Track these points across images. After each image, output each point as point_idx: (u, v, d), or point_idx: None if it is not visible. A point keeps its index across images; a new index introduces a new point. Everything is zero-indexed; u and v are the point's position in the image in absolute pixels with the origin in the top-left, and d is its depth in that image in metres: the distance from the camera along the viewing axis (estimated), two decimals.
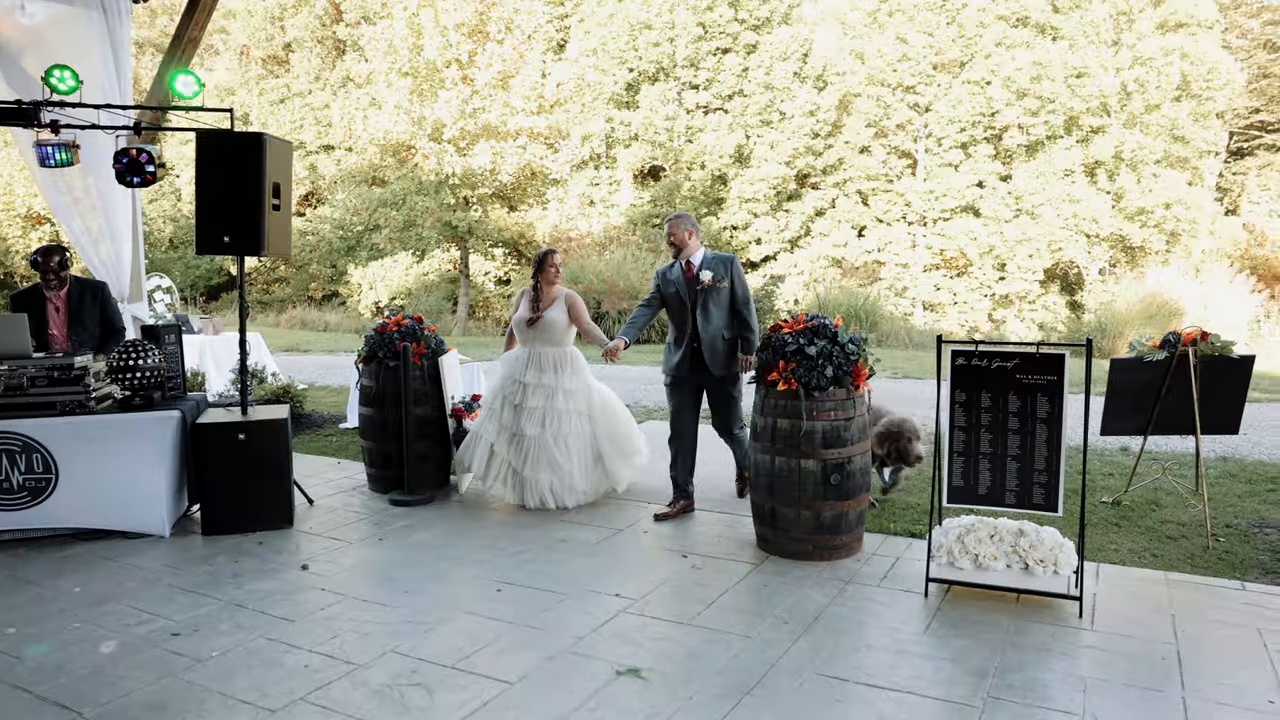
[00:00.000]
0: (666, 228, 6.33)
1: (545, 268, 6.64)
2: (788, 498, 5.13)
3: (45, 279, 6.60)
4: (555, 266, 6.66)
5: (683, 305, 6.19)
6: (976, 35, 25.44)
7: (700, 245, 6.30)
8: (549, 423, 6.44)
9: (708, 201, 27.92)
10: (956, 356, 4.48)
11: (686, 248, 6.21)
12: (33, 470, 5.67)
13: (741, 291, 6.16)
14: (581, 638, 4.21)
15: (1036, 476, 4.40)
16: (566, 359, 6.62)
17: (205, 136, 5.97)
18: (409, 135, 24.39)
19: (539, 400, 6.46)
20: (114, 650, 4.16)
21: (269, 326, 26.69)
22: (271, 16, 34.37)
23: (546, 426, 6.43)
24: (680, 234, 6.21)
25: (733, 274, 6.13)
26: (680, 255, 6.24)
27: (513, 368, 6.63)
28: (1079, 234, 24.66)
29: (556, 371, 6.53)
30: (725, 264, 6.14)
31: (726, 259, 6.18)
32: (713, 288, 6.06)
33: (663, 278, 6.35)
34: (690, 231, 6.23)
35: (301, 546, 5.70)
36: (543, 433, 6.42)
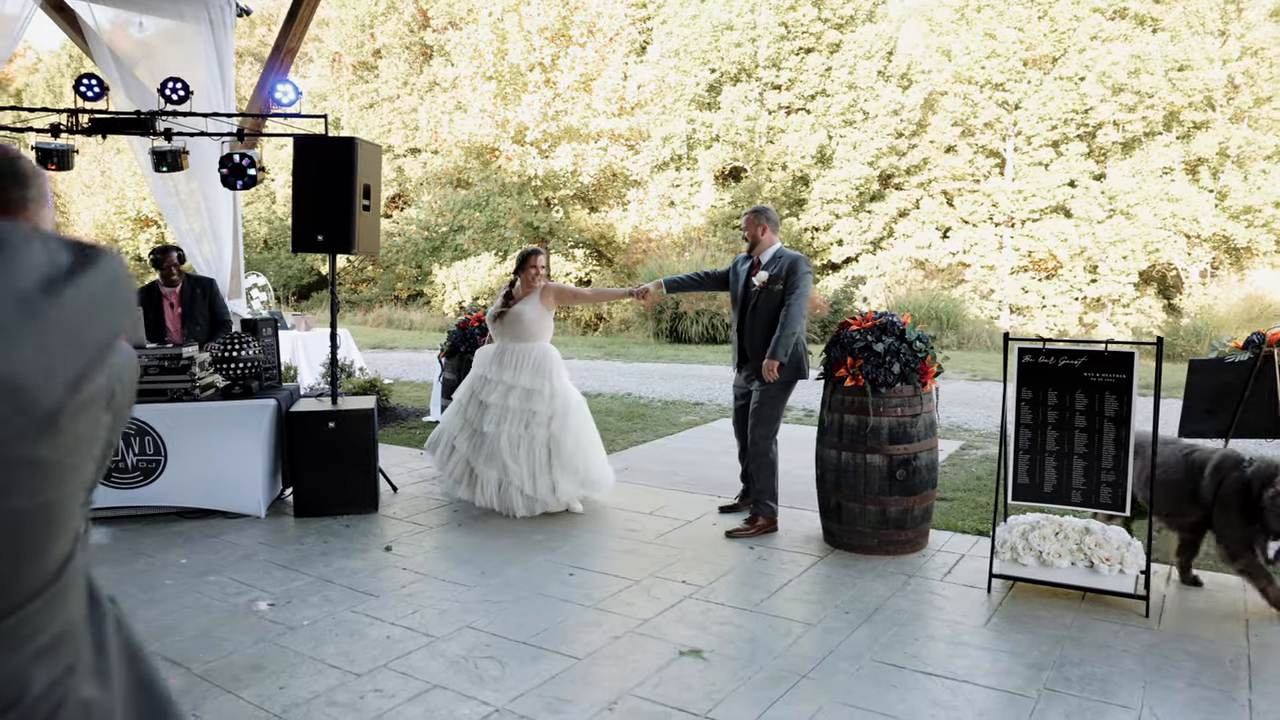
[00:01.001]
0: (743, 221, 6.17)
1: (525, 268, 6.47)
2: (853, 492, 5.23)
3: (165, 276, 7.04)
4: (536, 268, 6.45)
5: (736, 300, 6.07)
6: (1070, 29, 24.82)
7: (776, 241, 6.01)
8: (503, 421, 6.22)
9: (789, 202, 27.83)
10: (1024, 354, 4.53)
11: (759, 243, 5.99)
12: (145, 452, 6.09)
13: (791, 293, 5.74)
14: (647, 620, 4.39)
15: (1104, 475, 4.41)
16: (532, 356, 6.37)
17: (302, 141, 6.32)
18: (492, 138, 24.92)
19: (498, 397, 6.24)
20: (216, 617, 4.48)
21: (356, 324, 27.53)
22: (362, 24, 35.37)
23: (500, 424, 6.21)
24: (753, 229, 6.00)
25: (788, 275, 5.77)
26: (754, 250, 6.05)
27: (481, 362, 6.52)
28: (1178, 234, 23.84)
29: (517, 369, 6.29)
30: (786, 266, 5.81)
31: (791, 260, 5.83)
32: (766, 289, 5.83)
33: (734, 266, 6.20)
34: (764, 227, 5.98)
35: (385, 529, 6.00)
36: (496, 430, 6.20)
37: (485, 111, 24.60)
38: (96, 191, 32.27)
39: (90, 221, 32.37)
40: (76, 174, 32.88)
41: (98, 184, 32.06)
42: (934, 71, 26.44)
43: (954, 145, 26.68)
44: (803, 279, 5.77)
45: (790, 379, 5.85)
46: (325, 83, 35.81)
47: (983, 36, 25.54)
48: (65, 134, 6.53)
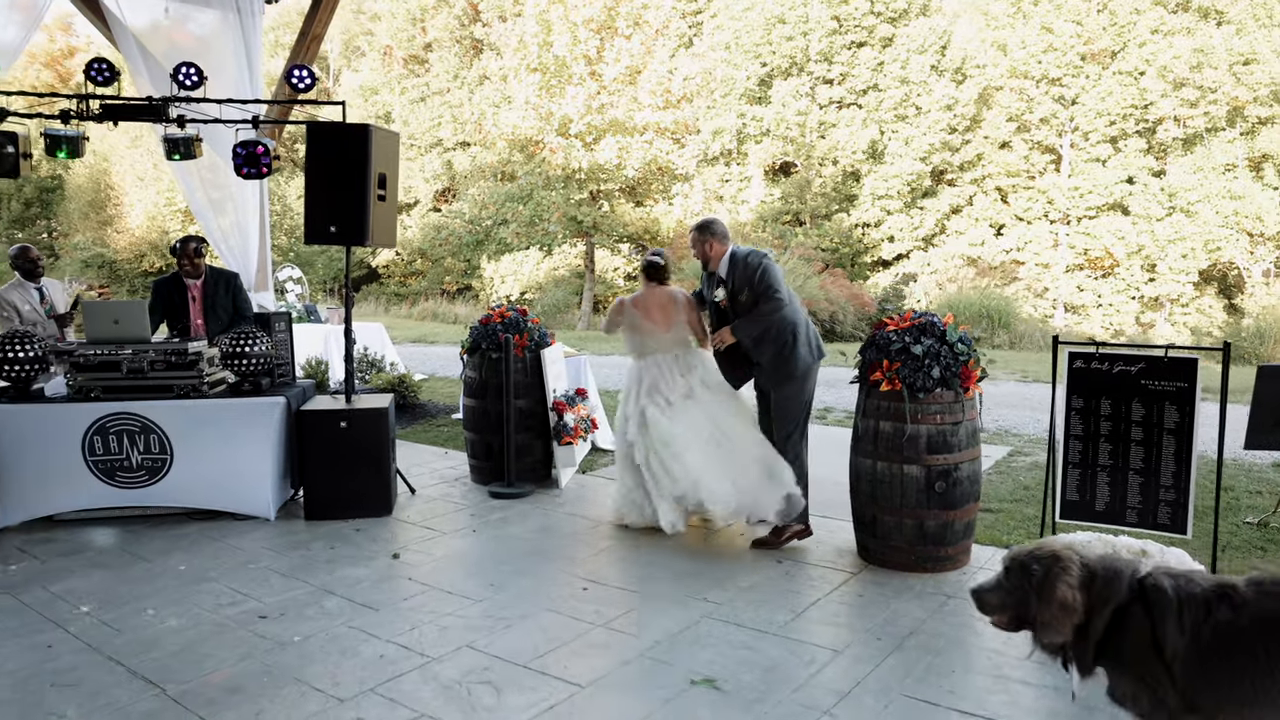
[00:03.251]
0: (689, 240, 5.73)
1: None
2: (889, 505, 4.83)
3: (183, 266, 6.85)
4: None
5: (713, 320, 5.71)
6: (1130, 23, 24.03)
7: (728, 248, 5.51)
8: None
9: (839, 198, 27.31)
10: (1074, 359, 4.11)
11: (711, 259, 5.55)
12: (150, 450, 5.88)
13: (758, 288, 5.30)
14: (659, 642, 4.05)
15: (1163, 494, 3.99)
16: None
17: (314, 128, 6.08)
18: (537, 130, 24.69)
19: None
20: (204, 629, 4.23)
21: (401, 318, 27.55)
22: (413, 18, 35.45)
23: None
24: (700, 248, 5.58)
25: (746, 277, 5.33)
26: (709, 268, 5.63)
27: None
28: (1240, 233, 22.94)
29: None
30: (740, 272, 5.37)
31: (741, 263, 5.37)
32: (734, 303, 5.42)
33: (703, 286, 5.85)
34: (710, 242, 5.51)
35: (397, 535, 5.73)
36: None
37: (529, 104, 24.37)
38: (149, 183, 32.69)
39: (142, 213, 32.80)
40: (130, 166, 33.48)
41: (150, 176, 32.47)
42: (989, 66, 25.79)
43: (1009, 141, 26.00)
44: (762, 272, 5.30)
45: (801, 374, 5.41)
46: (376, 76, 35.95)
47: (1040, 30, 24.85)
48: (76, 120, 6.33)
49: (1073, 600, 2.61)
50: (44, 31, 40.44)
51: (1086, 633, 2.63)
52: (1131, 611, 2.58)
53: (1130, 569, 2.64)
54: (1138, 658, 2.56)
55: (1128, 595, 2.60)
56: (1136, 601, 2.59)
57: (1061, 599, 2.61)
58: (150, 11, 8.05)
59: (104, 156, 34.64)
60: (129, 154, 33.70)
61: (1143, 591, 2.59)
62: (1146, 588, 2.59)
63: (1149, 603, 2.57)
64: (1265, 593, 2.50)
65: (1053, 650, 2.73)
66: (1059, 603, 2.61)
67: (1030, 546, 2.79)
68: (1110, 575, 2.63)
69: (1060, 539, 2.91)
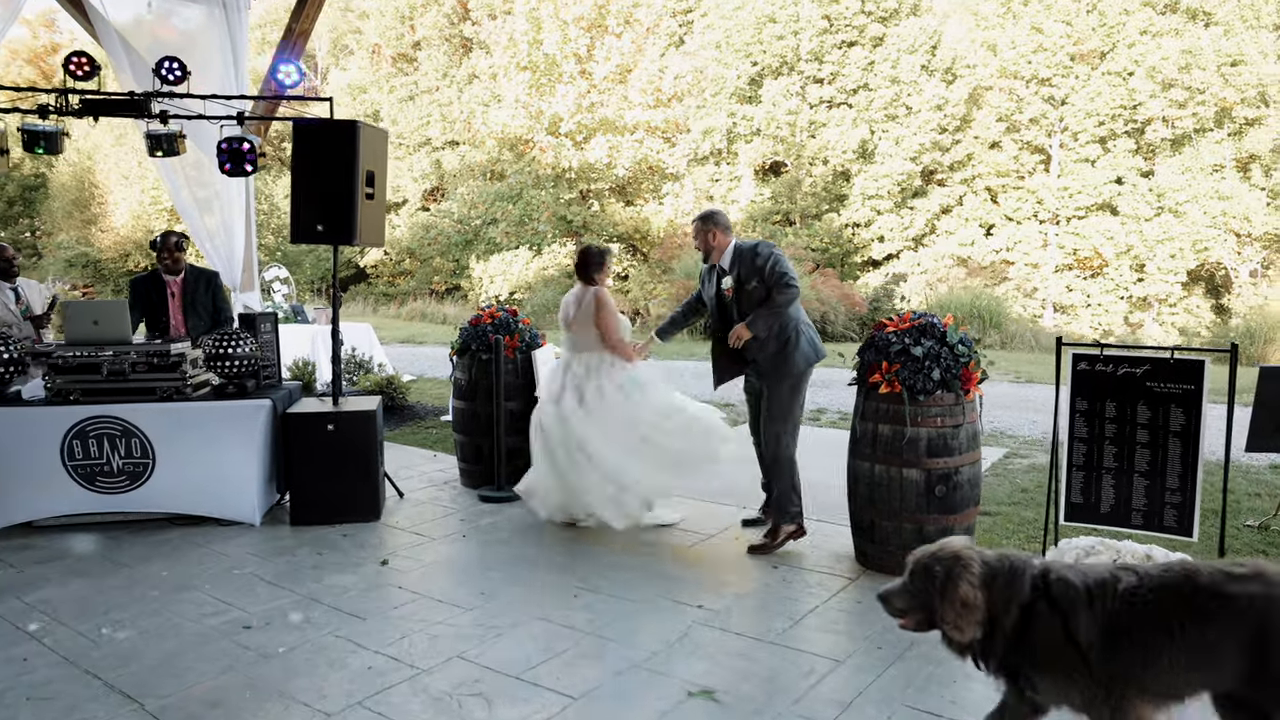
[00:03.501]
0: (691, 230, 5.65)
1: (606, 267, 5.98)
2: (888, 509, 4.74)
3: (163, 261, 6.71)
4: None
5: (714, 312, 5.60)
6: (1119, 23, 24.03)
7: (731, 240, 5.48)
8: None
9: (829, 198, 27.23)
10: (1078, 361, 4.02)
11: (714, 250, 5.49)
12: (132, 455, 5.75)
13: (770, 277, 5.21)
14: (655, 652, 3.95)
15: (1169, 496, 3.90)
16: None
17: (301, 125, 5.96)
18: (526, 129, 24.59)
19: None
20: (186, 640, 4.11)
21: (390, 318, 27.35)
22: (402, 16, 35.22)
23: None
24: (703, 238, 5.50)
25: (760, 268, 5.23)
26: (710, 259, 5.56)
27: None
28: (1228, 233, 22.97)
29: None
30: (749, 260, 5.29)
31: (750, 252, 5.30)
32: (739, 292, 5.33)
33: (702, 282, 5.75)
34: (713, 232, 5.45)
35: (385, 540, 5.62)
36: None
37: (519, 102, 24.27)
38: (134, 182, 32.40)
39: (127, 212, 32.51)
40: (114, 164, 33.17)
41: (135, 174, 32.18)
42: (979, 66, 25.76)
43: (998, 141, 25.97)
44: (775, 261, 5.22)
45: (800, 372, 5.34)
46: (365, 75, 35.72)
47: (1029, 31, 24.83)
48: (55, 115, 6.19)
49: (974, 598, 2.66)
50: (27, 28, 40.12)
51: (995, 632, 2.68)
52: (1038, 609, 2.63)
53: (1030, 566, 2.71)
54: (1053, 654, 2.61)
55: (1031, 593, 2.65)
56: (1041, 598, 2.64)
57: (963, 597, 2.65)
58: (133, 6, 7.90)
59: (88, 154, 34.33)
60: (114, 152, 33.40)
61: (1047, 587, 2.65)
62: (1050, 583, 2.66)
63: (1053, 597, 2.63)
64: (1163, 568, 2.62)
65: (960, 650, 2.76)
66: (961, 601, 2.66)
67: (933, 548, 2.83)
68: (1011, 573, 2.69)
69: (960, 539, 2.90)
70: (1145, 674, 2.56)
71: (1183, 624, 2.51)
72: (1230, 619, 2.47)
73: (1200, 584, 2.54)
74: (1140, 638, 2.55)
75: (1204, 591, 2.52)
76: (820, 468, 7.13)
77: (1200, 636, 2.49)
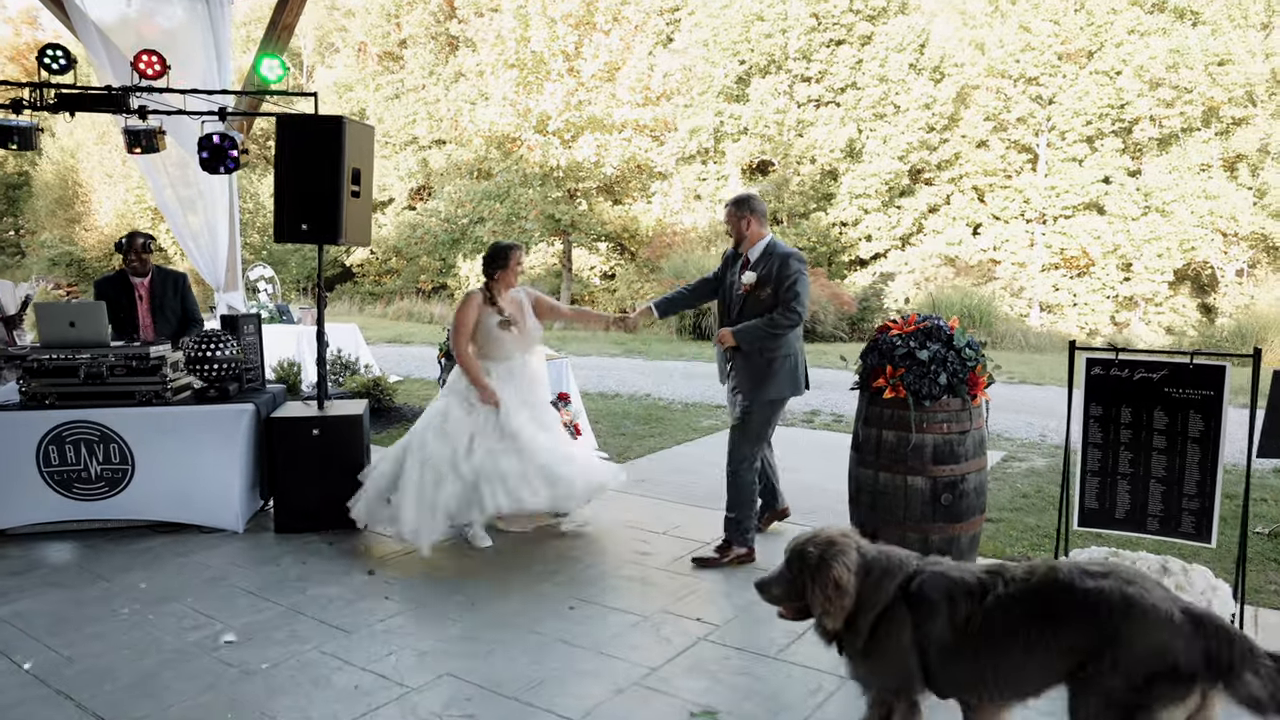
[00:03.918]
0: (724, 214, 5.39)
1: (510, 266, 5.57)
2: (892, 517, 4.59)
3: (130, 263, 6.52)
4: (521, 265, 5.68)
5: (725, 305, 5.38)
6: (1107, 23, 24.03)
7: (766, 234, 5.24)
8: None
9: (817, 197, 27.15)
10: (1092, 365, 3.90)
11: (745, 239, 5.22)
12: (110, 461, 5.58)
13: (784, 294, 5.00)
14: (655, 669, 3.80)
15: (1186, 502, 3.78)
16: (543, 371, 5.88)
17: (285, 121, 5.78)
18: (514, 127, 24.40)
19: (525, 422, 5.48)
20: (164, 657, 3.95)
21: (376, 317, 27.13)
22: (387, 14, 34.99)
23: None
24: (736, 223, 5.23)
25: (778, 276, 5.02)
26: (740, 247, 5.29)
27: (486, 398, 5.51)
28: (1214, 232, 23.00)
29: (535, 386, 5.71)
30: (776, 265, 5.06)
31: (781, 258, 5.06)
32: (753, 293, 5.12)
33: (724, 267, 5.45)
34: (748, 219, 5.18)
35: (371, 549, 5.46)
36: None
37: (507, 100, 24.07)
38: (118, 181, 32.10)
39: (111, 211, 32.23)
40: (98, 162, 32.87)
41: (119, 173, 31.88)
42: (967, 65, 25.73)
43: (986, 140, 25.96)
44: (795, 280, 5.00)
45: (781, 396, 5.17)
46: (351, 73, 35.49)
47: (1017, 30, 24.83)
48: (29, 110, 5.99)
49: (846, 581, 2.70)
50: (9, 25, 39.77)
51: (854, 627, 2.73)
52: (896, 611, 2.69)
53: (905, 567, 2.75)
54: (893, 656, 2.68)
55: (895, 593, 2.71)
56: (902, 602, 2.69)
57: (836, 578, 2.69)
58: (115, 5, 7.71)
59: (71, 153, 34.05)
60: (97, 150, 33.13)
61: (909, 590, 2.70)
62: (913, 587, 2.70)
63: (913, 601, 2.68)
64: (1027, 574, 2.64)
65: (829, 637, 2.80)
66: (833, 583, 2.69)
67: (809, 534, 2.84)
68: (884, 572, 2.74)
69: (838, 527, 2.92)
70: (996, 676, 2.60)
71: (1038, 624, 2.54)
72: (1080, 616, 2.49)
73: (1059, 583, 2.57)
74: (995, 641, 2.58)
75: (1061, 591, 2.55)
76: (814, 470, 7.06)
77: (1053, 635, 2.52)
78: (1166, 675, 2.36)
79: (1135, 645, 2.40)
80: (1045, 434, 9.03)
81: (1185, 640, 2.38)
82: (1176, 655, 2.37)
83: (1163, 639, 2.38)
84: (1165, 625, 2.40)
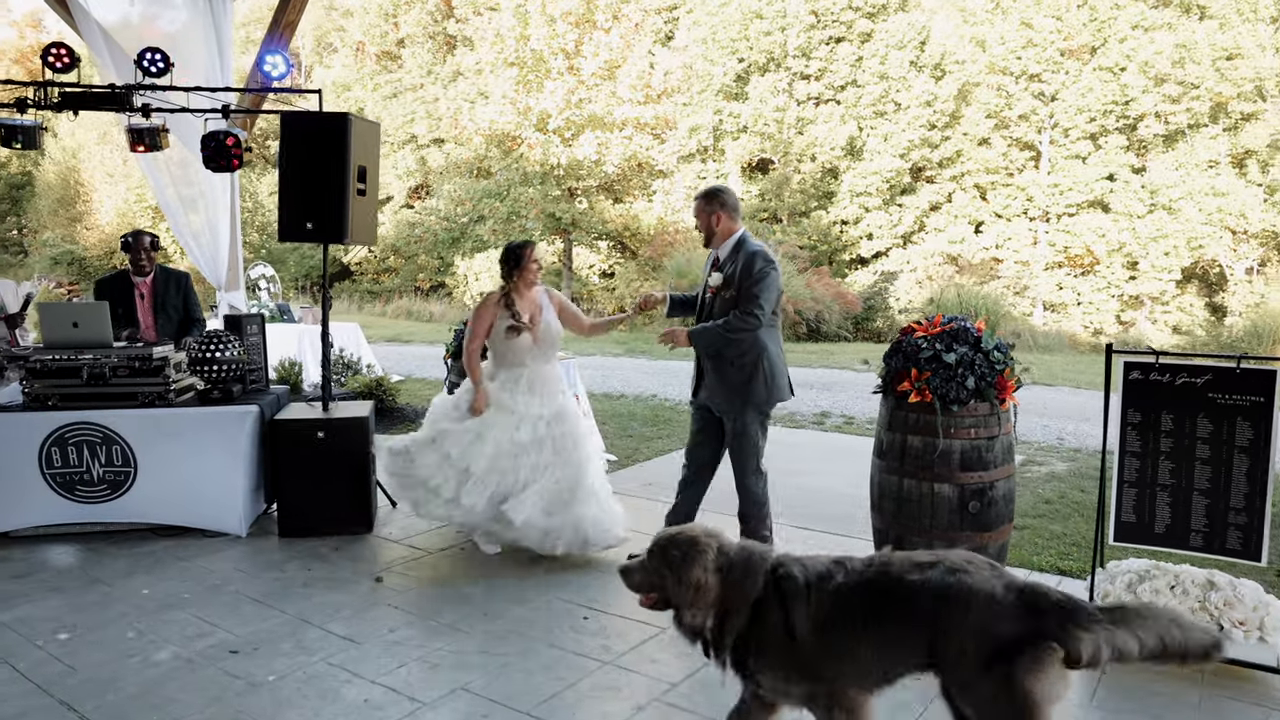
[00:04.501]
0: (693, 208, 5.04)
1: (525, 265, 5.22)
2: (917, 526, 4.47)
3: (136, 262, 6.41)
4: (537, 263, 5.32)
5: (700, 308, 5.05)
6: (1110, 18, 23.88)
7: (738, 229, 4.89)
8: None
9: (817, 195, 27.02)
10: (1130, 369, 3.76)
11: (715, 234, 4.89)
12: (113, 463, 5.46)
13: (744, 295, 4.70)
14: (676, 684, 3.68)
15: (1233, 516, 3.62)
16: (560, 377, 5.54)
17: (289, 118, 5.66)
18: (514, 126, 24.28)
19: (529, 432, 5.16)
20: (168, 667, 3.82)
21: (375, 316, 27.02)
22: (385, 13, 34.87)
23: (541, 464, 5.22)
24: (704, 218, 4.90)
25: (742, 274, 4.72)
26: (710, 244, 4.97)
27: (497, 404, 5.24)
28: (1223, 230, 22.81)
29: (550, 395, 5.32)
30: (745, 266, 4.73)
31: (747, 256, 4.74)
32: (719, 295, 4.84)
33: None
34: (718, 215, 4.84)
35: (378, 555, 5.33)
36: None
37: (507, 98, 23.94)
38: (119, 180, 32.01)
39: (112, 210, 32.15)
40: (99, 162, 32.80)
41: (120, 173, 31.80)
42: (968, 62, 25.58)
43: (987, 138, 25.81)
44: (759, 280, 4.67)
45: (760, 405, 4.87)
46: (349, 73, 35.39)
47: (1019, 26, 24.69)
48: (34, 109, 5.87)
49: (705, 582, 2.75)
50: (14, 28, 39.69)
51: (726, 624, 2.76)
52: (767, 605, 2.72)
53: (767, 560, 2.80)
54: (774, 649, 2.71)
55: (764, 587, 2.74)
56: (772, 594, 2.73)
57: (695, 580, 2.74)
58: (119, 7, 7.60)
59: (73, 153, 34.02)
60: (98, 150, 33.10)
61: (777, 583, 2.74)
62: (779, 578, 2.74)
63: (781, 592, 2.72)
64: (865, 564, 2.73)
65: (691, 634, 2.84)
66: (693, 584, 2.74)
67: (674, 530, 2.92)
68: (747, 567, 2.78)
69: (701, 525, 2.96)
70: (849, 664, 2.67)
71: (875, 614, 2.62)
72: (904, 608, 2.58)
73: (891, 575, 2.65)
74: (843, 631, 2.65)
75: (893, 582, 2.63)
76: (830, 474, 6.94)
77: (889, 625, 2.60)
78: (1007, 651, 2.41)
79: (963, 631, 2.47)
80: (1063, 437, 8.90)
81: (1013, 615, 2.44)
82: (1007, 630, 2.43)
83: (988, 619, 2.45)
84: (988, 606, 2.46)
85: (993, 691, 2.42)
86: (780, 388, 4.90)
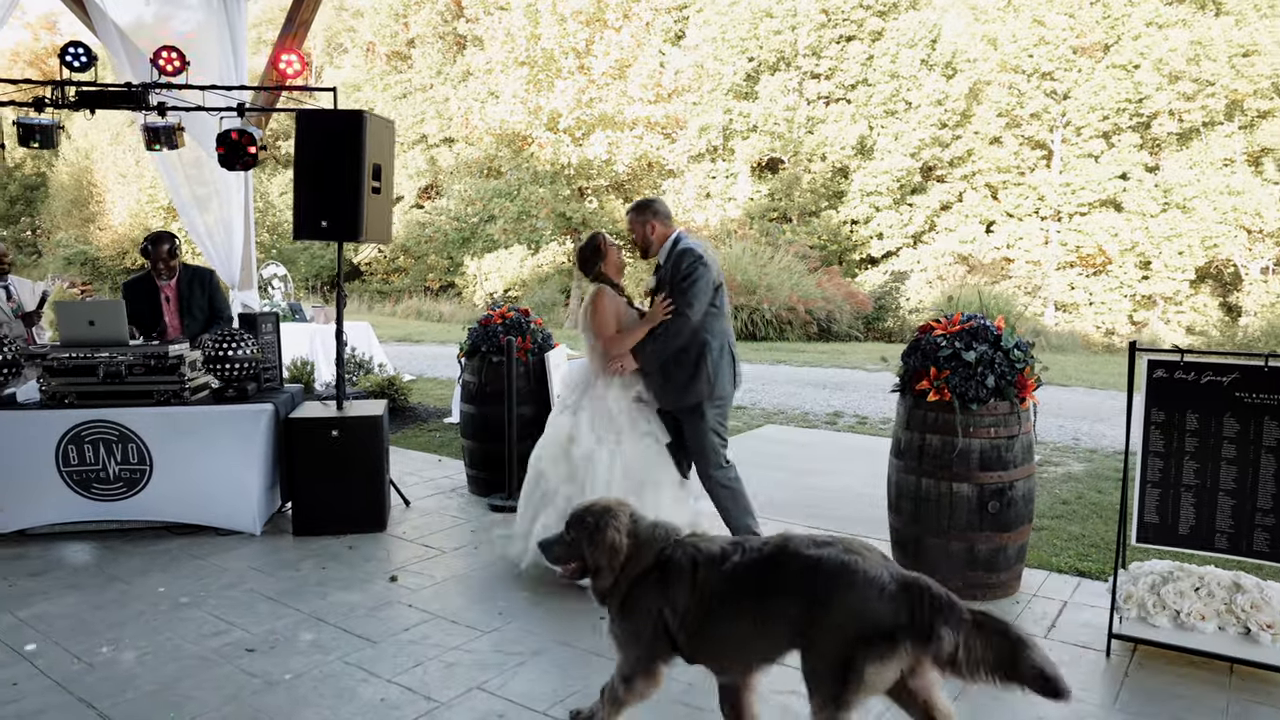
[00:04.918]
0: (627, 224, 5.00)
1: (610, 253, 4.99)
2: (936, 526, 4.43)
3: (156, 268, 6.42)
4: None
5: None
6: (1124, 15, 23.75)
7: (673, 232, 4.83)
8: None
9: (827, 194, 26.98)
10: (1154, 368, 3.72)
11: (652, 245, 4.83)
12: (128, 461, 5.47)
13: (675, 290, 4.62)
14: (693, 684, 3.65)
15: (1260, 517, 3.56)
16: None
17: (304, 116, 5.66)
18: (525, 125, 24.30)
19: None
20: (185, 664, 3.82)
21: (385, 315, 27.06)
22: (395, 14, 34.95)
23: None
24: (639, 230, 4.84)
25: (672, 274, 4.64)
26: (648, 255, 4.90)
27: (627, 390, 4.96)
28: (1238, 229, 22.63)
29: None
30: (671, 264, 4.67)
31: (678, 254, 4.67)
32: (652, 298, 4.80)
33: None
34: (651, 225, 4.79)
35: (392, 553, 5.32)
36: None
37: (517, 98, 23.96)
38: (131, 180, 32.14)
39: (125, 210, 32.28)
40: (112, 163, 32.95)
41: (132, 173, 31.94)
42: (979, 60, 25.51)
43: (999, 136, 25.73)
44: (688, 277, 4.58)
45: (706, 400, 4.74)
46: (359, 73, 35.49)
47: (1030, 24, 24.59)
48: (51, 108, 5.88)
49: (619, 543, 2.93)
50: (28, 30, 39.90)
51: (616, 587, 2.96)
52: (649, 578, 2.91)
53: (666, 539, 2.97)
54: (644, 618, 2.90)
55: (651, 562, 2.93)
56: (655, 568, 2.92)
57: (610, 542, 2.92)
58: (134, 8, 7.62)
59: (85, 154, 34.21)
60: (111, 151, 33.26)
61: (661, 561, 2.92)
62: (665, 557, 2.93)
63: (664, 570, 2.90)
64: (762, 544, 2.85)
65: (601, 596, 3.01)
66: (608, 546, 2.92)
67: (589, 502, 3.10)
68: (646, 541, 2.97)
69: (614, 498, 3.15)
70: (729, 642, 2.83)
71: (761, 592, 2.75)
72: (796, 583, 2.68)
73: (786, 552, 2.77)
74: (729, 608, 2.79)
75: (785, 559, 2.75)
76: (846, 474, 6.90)
77: (772, 601, 2.72)
78: (873, 635, 2.51)
79: (843, 608, 2.57)
80: (1079, 437, 8.84)
81: (891, 602, 2.53)
82: (881, 616, 2.52)
83: (869, 602, 2.54)
84: (873, 589, 2.55)
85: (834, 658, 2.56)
86: (723, 382, 4.77)
